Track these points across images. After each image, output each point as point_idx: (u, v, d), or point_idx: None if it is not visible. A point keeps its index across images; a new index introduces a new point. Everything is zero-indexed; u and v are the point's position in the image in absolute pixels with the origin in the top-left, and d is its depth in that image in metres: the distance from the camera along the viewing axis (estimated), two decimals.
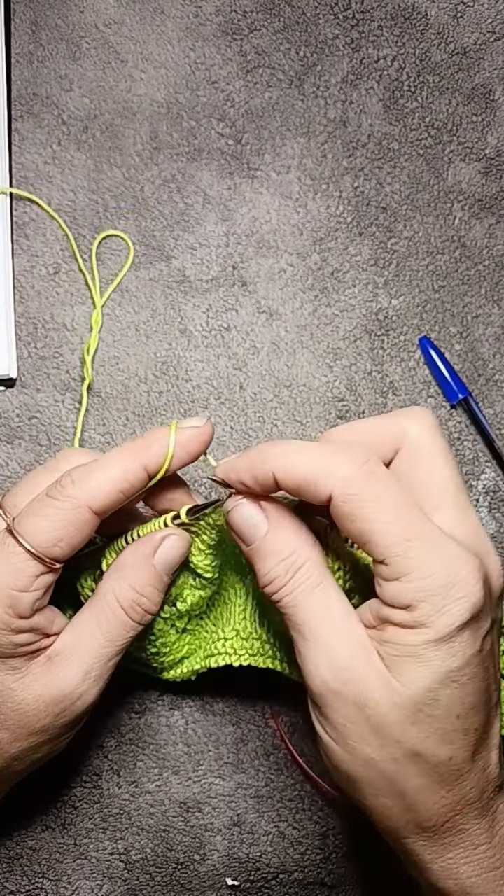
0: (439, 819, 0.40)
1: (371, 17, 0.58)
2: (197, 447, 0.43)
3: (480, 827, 0.41)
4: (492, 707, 0.41)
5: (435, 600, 0.38)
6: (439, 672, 0.38)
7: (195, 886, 0.54)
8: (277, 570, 0.41)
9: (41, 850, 0.54)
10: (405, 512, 0.39)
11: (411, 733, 0.39)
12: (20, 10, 0.57)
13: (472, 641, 0.39)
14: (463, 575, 0.39)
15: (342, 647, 0.40)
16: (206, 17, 0.58)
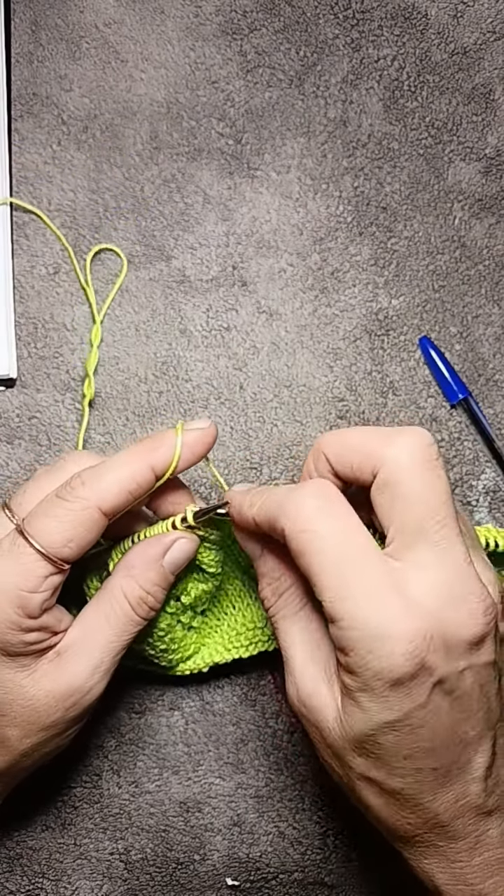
0: (407, 833, 0.41)
1: (371, 17, 0.58)
2: (202, 449, 0.44)
3: (456, 847, 0.40)
4: (466, 745, 0.39)
5: (360, 653, 0.38)
6: (375, 721, 0.38)
7: (195, 886, 0.54)
8: (266, 592, 0.44)
9: (41, 850, 0.54)
10: (351, 554, 0.38)
11: (359, 762, 0.40)
12: (20, 10, 0.57)
13: (412, 697, 0.38)
14: (393, 632, 0.37)
15: (307, 673, 0.41)
16: (206, 17, 0.58)
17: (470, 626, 0.38)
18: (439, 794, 0.40)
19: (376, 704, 0.38)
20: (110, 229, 0.57)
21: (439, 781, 0.39)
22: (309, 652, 0.42)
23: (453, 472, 0.56)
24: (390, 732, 0.39)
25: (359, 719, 0.39)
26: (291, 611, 0.43)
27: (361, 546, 0.39)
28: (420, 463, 0.39)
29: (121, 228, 0.57)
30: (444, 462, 0.42)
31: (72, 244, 0.57)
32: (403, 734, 0.38)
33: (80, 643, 0.45)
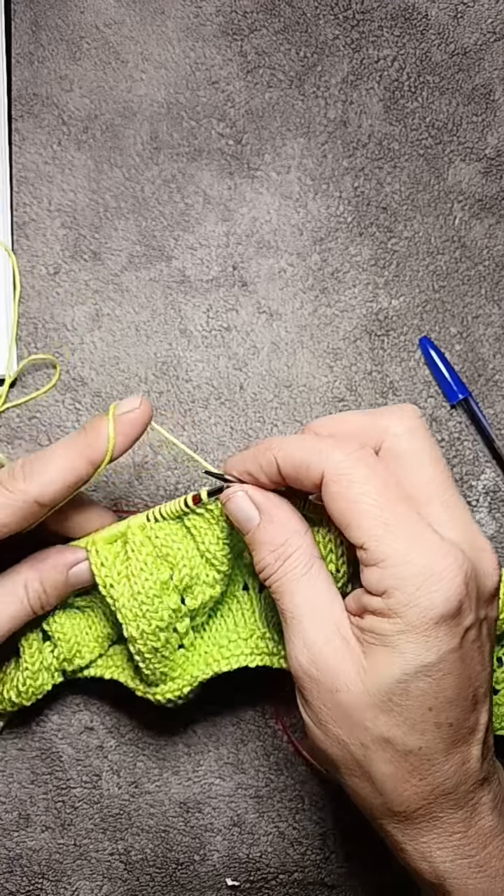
0: (410, 806, 0.40)
1: (371, 17, 0.58)
2: (137, 431, 0.45)
3: (456, 817, 0.41)
4: (476, 703, 0.41)
5: (408, 590, 0.38)
6: (412, 664, 0.39)
7: (195, 886, 0.54)
8: (268, 559, 0.43)
9: (41, 851, 0.54)
10: (389, 497, 0.40)
11: (380, 721, 0.40)
12: (20, 10, 0.57)
13: (449, 637, 0.39)
14: (440, 568, 0.39)
15: (319, 633, 0.41)
16: (207, 17, 0.58)
17: (491, 575, 0.41)
18: (451, 754, 0.40)
19: (416, 645, 0.39)
20: (110, 229, 0.57)
21: (453, 739, 0.40)
22: (319, 612, 0.41)
23: (453, 472, 0.56)
24: (423, 678, 0.39)
25: (392, 666, 0.39)
26: (297, 574, 0.42)
27: (398, 494, 0.40)
28: (418, 428, 0.42)
29: (121, 228, 0.57)
30: None
31: (72, 244, 0.57)
32: (434, 680, 0.39)
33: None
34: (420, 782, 0.40)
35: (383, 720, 0.40)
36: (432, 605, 0.38)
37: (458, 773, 0.40)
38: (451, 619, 0.39)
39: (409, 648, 0.39)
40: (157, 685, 0.48)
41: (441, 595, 0.38)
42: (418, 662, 0.39)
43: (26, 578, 0.47)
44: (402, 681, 0.39)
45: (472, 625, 0.40)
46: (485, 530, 0.56)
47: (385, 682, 0.39)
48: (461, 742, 0.40)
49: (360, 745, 0.40)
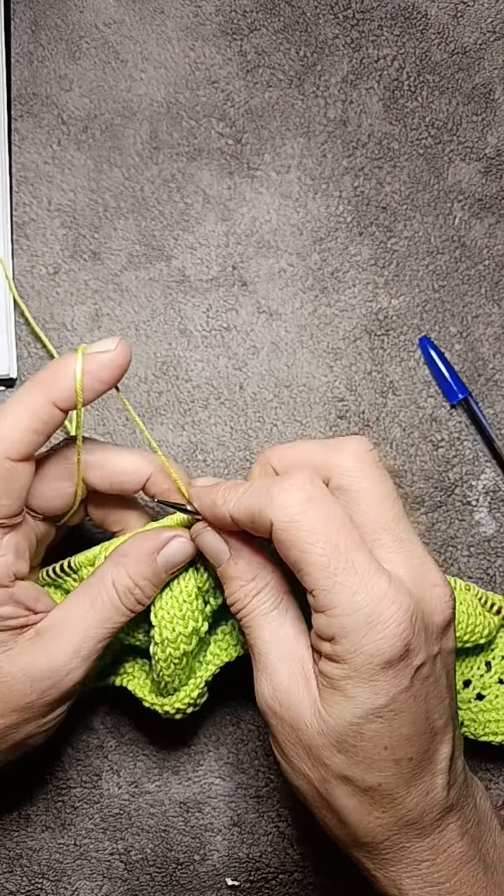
0: (377, 837, 0.41)
1: (371, 16, 0.58)
2: (110, 375, 0.41)
3: (423, 845, 0.41)
4: (435, 734, 0.40)
5: (353, 638, 0.38)
6: (362, 708, 0.39)
7: (195, 886, 0.54)
8: (238, 594, 0.43)
9: (41, 851, 0.54)
10: (339, 543, 0.39)
11: (338, 759, 0.40)
12: (20, 10, 0.57)
13: (398, 679, 0.39)
14: (386, 615, 0.38)
15: (283, 670, 0.41)
16: (206, 17, 0.58)
17: (440, 610, 0.40)
18: (412, 787, 0.40)
19: (365, 690, 0.38)
20: (110, 229, 0.57)
21: (413, 773, 0.40)
22: (283, 650, 0.41)
23: (453, 471, 0.56)
24: (375, 720, 0.39)
25: (343, 710, 0.39)
26: (265, 610, 0.42)
27: (349, 535, 0.39)
28: (368, 465, 0.41)
29: (121, 228, 0.57)
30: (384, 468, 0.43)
31: (71, 244, 0.57)
32: (387, 721, 0.39)
33: (61, 625, 0.44)
34: (383, 814, 0.40)
35: (341, 759, 0.40)
36: (378, 652, 0.38)
37: (422, 803, 0.40)
38: (398, 663, 0.38)
39: (358, 693, 0.39)
40: (169, 695, 0.48)
41: (387, 642, 0.38)
42: (368, 706, 0.39)
43: (113, 577, 0.44)
44: (354, 724, 0.39)
45: (423, 663, 0.39)
46: (485, 530, 0.56)
47: (338, 724, 0.39)
48: (423, 774, 0.40)
49: (322, 779, 0.41)
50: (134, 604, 0.44)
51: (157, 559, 0.44)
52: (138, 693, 0.49)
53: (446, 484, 0.56)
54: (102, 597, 0.44)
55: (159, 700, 0.48)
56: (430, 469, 0.56)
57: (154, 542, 0.44)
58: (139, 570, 0.44)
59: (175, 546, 0.44)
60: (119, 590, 0.44)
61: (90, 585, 0.44)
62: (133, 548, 0.44)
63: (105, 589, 0.44)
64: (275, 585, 0.43)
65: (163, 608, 0.46)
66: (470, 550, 0.56)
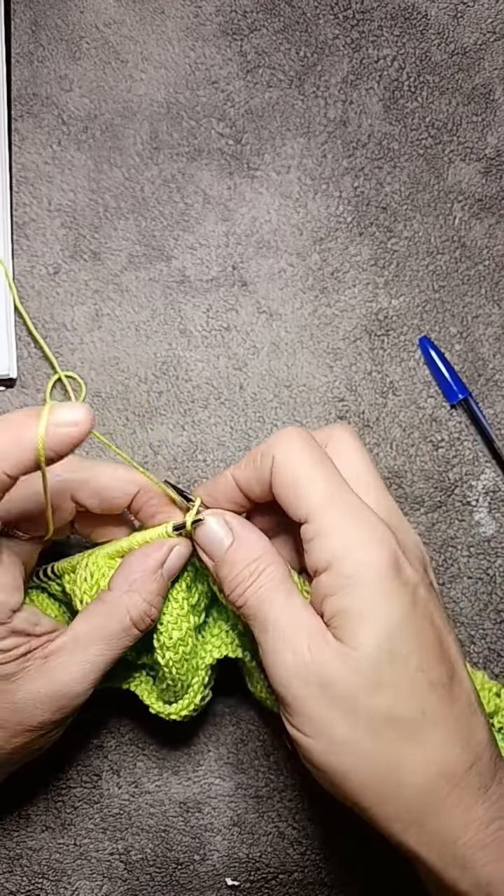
0: (440, 792, 0.39)
1: (371, 17, 0.58)
2: (69, 449, 0.38)
3: (488, 802, 0.39)
4: (453, 663, 0.41)
5: (355, 552, 0.40)
6: (385, 624, 0.40)
7: (195, 886, 0.54)
8: (243, 574, 0.43)
9: (41, 850, 0.54)
10: (332, 476, 0.42)
11: (378, 698, 0.39)
12: (20, 10, 0.57)
13: (404, 591, 0.40)
14: (379, 532, 0.41)
15: (301, 633, 0.41)
16: (206, 17, 0.58)
17: (417, 549, 0.44)
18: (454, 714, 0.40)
19: (380, 605, 0.40)
20: (110, 229, 0.57)
21: (450, 699, 0.40)
22: (298, 618, 0.42)
23: (453, 471, 0.56)
24: (401, 638, 0.40)
25: (368, 635, 0.39)
26: (274, 584, 0.43)
27: (338, 474, 0.43)
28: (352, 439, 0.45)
29: (121, 228, 0.57)
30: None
31: (71, 244, 0.57)
32: (412, 637, 0.40)
33: (70, 651, 0.44)
34: (437, 753, 0.39)
35: (381, 697, 0.39)
36: (378, 563, 0.40)
37: (470, 745, 0.40)
38: (398, 574, 0.40)
39: (375, 610, 0.40)
40: (173, 702, 0.49)
41: (384, 554, 0.40)
42: (390, 621, 0.40)
43: (127, 606, 0.45)
44: (383, 645, 0.39)
45: (418, 584, 0.41)
46: (485, 530, 0.56)
47: (370, 653, 0.39)
48: (458, 707, 0.40)
49: (367, 735, 0.39)
50: (149, 625, 0.45)
51: (162, 572, 0.45)
52: (146, 699, 0.50)
53: (446, 484, 0.56)
54: (113, 624, 0.45)
55: (166, 709, 0.49)
56: (430, 469, 0.56)
57: (156, 558, 0.45)
58: (150, 589, 0.45)
59: (176, 555, 0.46)
60: (135, 617, 0.45)
61: (99, 613, 0.45)
62: (138, 570, 0.45)
63: (117, 617, 0.45)
64: (280, 565, 0.43)
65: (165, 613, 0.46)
66: (470, 550, 0.56)
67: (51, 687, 0.44)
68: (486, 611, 0.55)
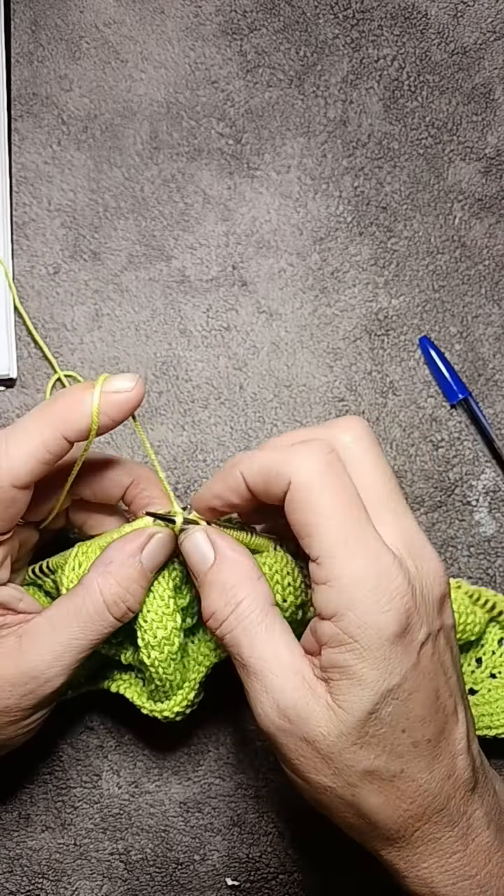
0: (406, 831, 0.40)
1: (371, 16, 0.58)
2: (123, 415, 0.41)
3: (453, 835, 0.40)
4: (447, 715, 0.40)
5: (360, 610, 0.38)
6: (377, 692, 0.38)
7: (195, 886, 0.54)
8: (218, 603, 0.41)
9: (41, 850, 0.54)
10: (351, 513, 0.39)
11: (361, 756, 0.39)
12: (20, 10, 0.57)
13: (406, 655, 0.39)
14: (391, 587, 0.38)
15: (286, 685, 0.40)
16: (206, 16, 0.58)
17: (437, 584, 0.40)
18: (434, 769, 0.40)
19: (378, 670, 0.38)
20: (110, 229, 0.57)
21: (433, 755, 0.40)
22: (280, 663, 0.40)
23: (453, 471, 0.56)
24: (391, 702, 0.39)
25: (359, 698, 0.38)
26: (252, 623, 0.40)
27: (361, 509, 0.39)
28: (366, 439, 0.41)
29: (121, 228, 0.57)
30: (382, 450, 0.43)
31: (71, 244, 0.57)
32: (402, 702, 0.39)
33: (44, 632, 0.43)
34: (411, 805, 0.40)
35: (363, 755, 0.39)
36: (385, 624, 0.38)
37: (446, 787, 0.40)
38: (404, 637, 0.38)
39: (372, 675, 0.38)
40: (164, 701, 0.48)
41: (392, 614, 0.38)
42: (384, 687, 0.38)
43: (100, 586, 0.43)
44: (373, 710, 0.39)
45: (426, 639, 0.39)
46: (485, 530, 0.56)
47: (357, 716, 0.39)
48: (441, 755, 0.40)
49: (346, 785, 0.40)
50: (125, 612, 0.44)
51: (141, 560, 0.43)
52: (136, 701, 0.49)
53: (446, 484, 0.56)
54: (88, 606, 0.43)
55: (158, 707, 0.48)
56: (430, 469, 0.56)
57: (135, 543, 0.44)
58: (125, 574, 0.43)
59: (155, 543, 0.44)
60: (108, 599, 0.43)
61: (75, 594, 0.44)
62: (116, 553, 0.44)
63: (91, 598, 0.43)
64: (260, 596, 0.41)
65: (150, 611, 0.45)
66: (470, 550, 0.56)
67: (20, 666, 0.43)
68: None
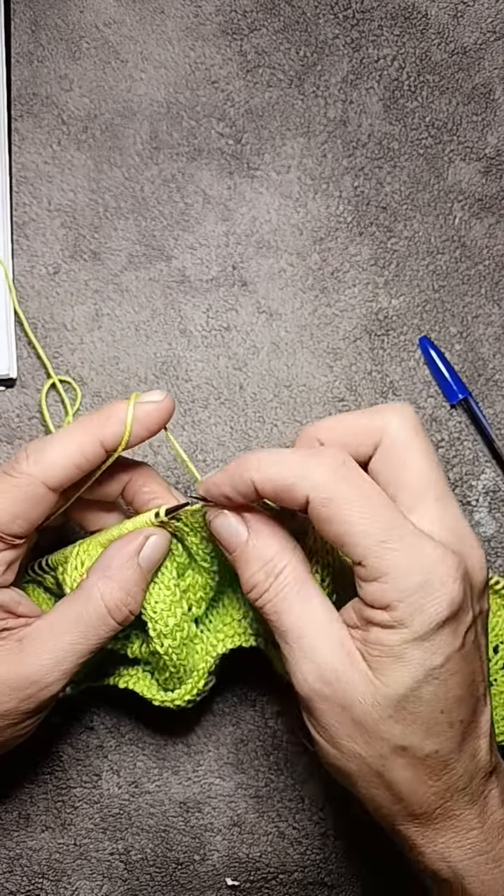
0: (430, 807, 0.41)
1: (371, 16, 0.58)
2: (156, 424, 0.44)
3: (471, 812, 0.41)
4: (479, 698, 0.41)
5: (412, 600, 0.39)
6: (420, 670, 0.39)
7: (195, 886, 0.54)
8: (259, 576, 0.42)
9: (41, 850, 0.54)
10: (381, 513, 0.39)
11: (396, 730, 0.40)
12: (20, 10, 0.57)
13: (453, 639, 0.39)
14: (440, 573, 0.39)
15: (326, 650, 0.40)
16: (206, 16, 0.58)
17: (481, 570, 0.41)
18: (463, 751, 0.41)
19: (423, 652, 0.39)
20: (110, 229, 0.57)
21: (464, 736, 0.40)
22: (320, 629, 0.41)
23: (453, 471, 0.56)
24: (432, 682, 0.39)
25: (401, 676, 0.39)
26: (291, 592, 0.41)
27: (388, 505, 0.40)
28: (414, 424, 0.42)
29: (121, 228, 0.57)
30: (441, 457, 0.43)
31: (71, 244, 0.57)
32: (443, 682, 0.39)
33: (45, 637, 0.44)
34: (437, 783, 0.41)
35: (399, 729, 0.40)
36: (437, 612, 0.39)
37: (470, 768, 0.41)
38: (452, 622, 0.39)
39: (416, 656, 0.39)
40: (175, 690, 0.48)
41: (445, 601, 0.39)
42: (427, 668, 0.39)
43: (101, 591, 0.44)
44: (414, 688, 0.39)
45: (470, 623, 0.40)
46: (485, 530, 0.56)
47: (397, 692, 0.39)
48: (470, 738, 0.41)
49: (377, 756, 0.40)
50: (126, 616, 0.44)
51: (139, 562, 0.44)
52: (146, 694, 0.49)
53: None
54: (89, 611, 0.44)
55: (169, 696, 0.49)
56: None
57: (132, 546, 0.44)
58: (125, 577, 0.44)
59: (152, 544, 0.45)
60: (109, 604, 0.44)
61: (76, 599, 0.44)
62: (115, 557, 0.44)
63: (92, 604, 0.44)
64: (297, 564, 0.42)
65: (158, 601, 0.46)
66: None
67: (20, 671, 0.43)
68: None
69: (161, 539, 0.45)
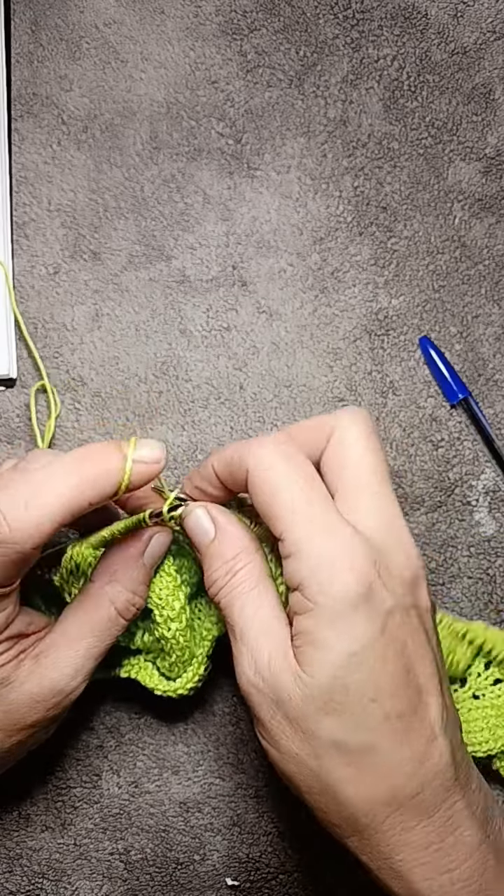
0: (377, 817, 0.40)
1: (371, 16, 0.58)
2: (145, 482, 0.43)
3: (429, 826, 0.40)
4: (420, 692, 0.40)
5: (319, 578, 0.39)
6: (340, 656, 0.39)
7: (195, 886, 0.54)
8: (218, 573, 0.43)
9: (41, 850, 0.54)
10: (309, 494, 0.41)
11: (326, 723, 0.39)
12: (20, 10, 0.57)
13: (369, 624, 0.39)
14: (349, 555, 0.40)
15: (264, 647, 0.41)
16: (206, 17, 0.58)
17: (406, 565, 0.42)
18: (405, 748, 0.39)
19: (338, 635, 0.39)
20: (110, 229, 0.57)
21: (405, 732, 0.39)
22: (263, 627, 0.42)
23: (453, 471, 0.56)
24: (357, 669, 0.39)
25: (322, 663, 0.39)
26: (245, 589, 0.43)
27: (320, 489, 0.42)
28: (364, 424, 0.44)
29: (121, 228, 0.57)
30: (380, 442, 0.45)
31: (71, 244, 0.57)
32: (368, 669, 0.39)
33: (62, 648, 0.45)
34: (381, 783, 0.39)
35: (329, 722, 0.39)
36: (343, 591, 0.39)
37: (419, 773, 0.40)
38: (365, 604, 0.39)
39: (333, 640, 0.39)
40: (177, 679, 0.49)
41: (350, 580, 0.39)
42: (346, 652, 0.39)
43: (111, 597, 0.45)
44: (338, 676, 0.39)
45: (393, 609, 0.40)
46: (485, 530, 0.56)
47: (321, 682, 0.39)
48: (415, 737, 0.40)
49: (313, 755, 0.40)
50: (134, 613, 0.46)
51: (143, 561, 0.46)
52: (148, 683, 0.50)
53: (446, 484, 0.56)
54: (101, 616, 0.45)
55: (171, 686, 0.50)
56: (430, 469, 0.56)
57: (137, 547, 0.46)
58: (132, 577, 0.45)
59: (156, 543, 0.46)
60: (119, 606, 0.45)
61: (85, 605, 0.45)
62: (119, 560, 0.46)
63: (103, 610, 0.45)
64: (255, 566, 0.43)
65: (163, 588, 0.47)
66: (470, 550, 0.56)
67: (44, 685, 0.44)
68: (486, 611, 0.55)
69: (166, 537, 0.46)
